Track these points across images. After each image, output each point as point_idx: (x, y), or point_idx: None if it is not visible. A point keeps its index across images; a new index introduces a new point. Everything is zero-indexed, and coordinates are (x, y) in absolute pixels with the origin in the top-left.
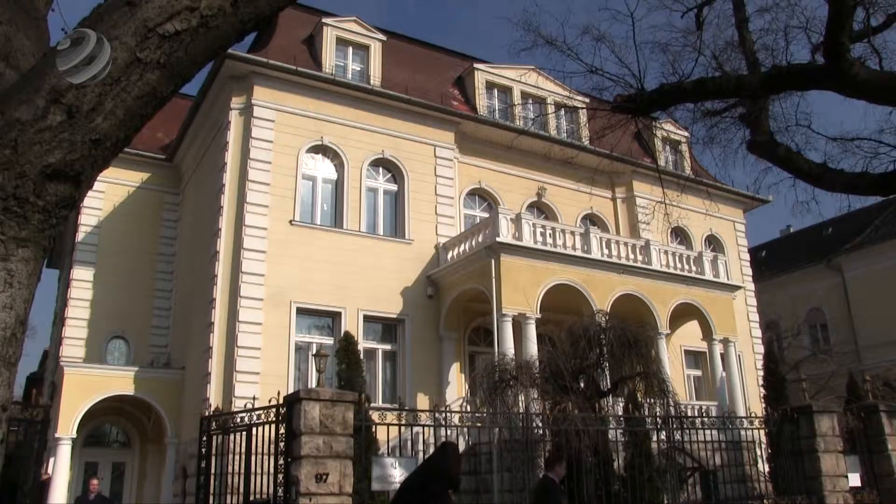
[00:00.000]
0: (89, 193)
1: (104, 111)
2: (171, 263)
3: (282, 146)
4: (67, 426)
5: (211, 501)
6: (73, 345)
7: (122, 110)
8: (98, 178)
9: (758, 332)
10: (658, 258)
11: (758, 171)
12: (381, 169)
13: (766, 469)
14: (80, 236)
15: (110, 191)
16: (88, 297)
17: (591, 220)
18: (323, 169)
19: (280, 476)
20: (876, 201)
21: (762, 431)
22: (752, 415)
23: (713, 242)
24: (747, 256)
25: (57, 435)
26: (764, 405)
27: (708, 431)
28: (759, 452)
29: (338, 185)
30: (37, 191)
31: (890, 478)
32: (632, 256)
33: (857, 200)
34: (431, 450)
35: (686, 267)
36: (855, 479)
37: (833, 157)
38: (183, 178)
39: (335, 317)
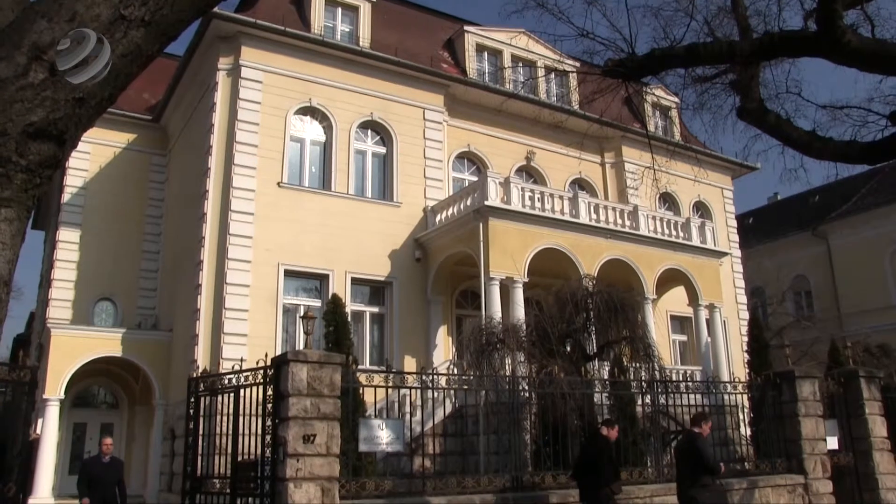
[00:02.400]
0: (74, 154)
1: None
2: (158, 225)
3: (270, 108)
4: (55, 387)
5: (199, 462)
6: (60, 307)
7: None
8: (83, 138)
9: (743, 299)
10: (646, 224)
11: (747, 139)
12: (369, 131)
13: (748, 433)
14: (65, 197)
15: (96, 152)
16: (75, 259)
17: (580, 184)
18: (311, 131)
19: (268, 437)
20: (863, 170)
21: (745, 396)
22: (736, 380)
23: (701, 209)
24: (734, 223)
25: (45, 396)
26: (747, 370)
27: (692, 396)
28: (741, 416)
29: (326, 148)
30: (19, 150)
31: (865, 440)
32: (620, 222)
33: (845, 169)
34: (418, 412)
35: (673, 233)
36: (833, 443)
37: (822, 125)
38: (170, 139)
39: (323, 279)
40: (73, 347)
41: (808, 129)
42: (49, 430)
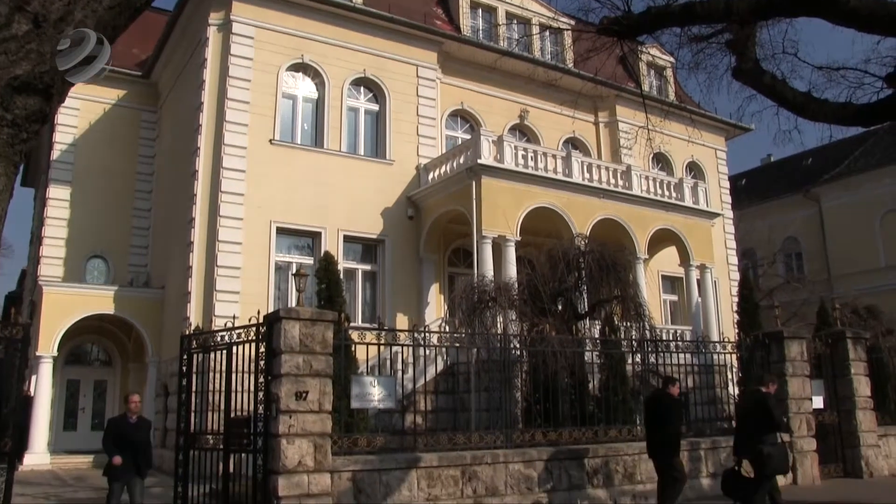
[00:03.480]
0: (63, 110)
1: (73, 21)
2: (149, 182)
3: (261, 64)
4: (48, 345)
5: (193, 418)
6: (52, 264)
7: (93, 21)
8: (71, 93)
9: (734, 260)
10: (639, 183)
11: (742, 99)
12: (362, 88)
13: (736, 392)
14: (55, 154)
15: (85, 108)
16: (65, 217)
17: (573, 143)
18: (303, 88)
19: (260, 394)
20: (857, 132)
21: (734, 356)
22: (725, 340)
23: (694, 169)
24: (727, 184)
25: (38, 353)
26: (737, 331)
27: (681, 355)
28: (729, 376)
29: (318, 105)
30: (4, 104)
31: (850, 400)
32: (613, 181)
33: (840, 131)
34: (410, 370)
35: (666, 193)
36: (818, 402)
37: (818, 86)
38: (160, 95)
39: (315, 237)
40: (66, 305)
41: (804, 90)
42: (43, 387)
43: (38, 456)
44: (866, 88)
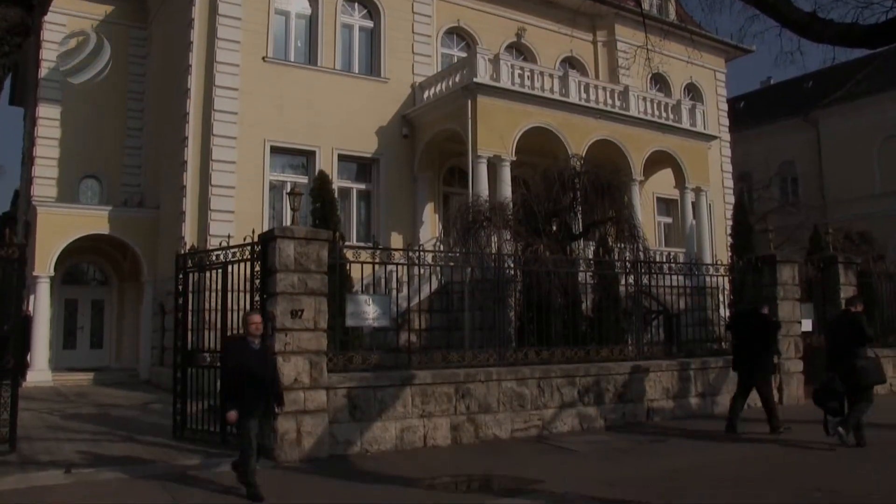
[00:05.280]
0: (48, 26)
1: None
2: (140, 101)
3: None
4: (44, 265)
5: (189, 337)
6: (45, 184)
7: None
8: (57, 9)
9: (730, 183)
10: (636, 104)
11: (743, 20)
12: (356, 4)
13: (727, 314)
14: (43, 72)
15: (72, 24)
16: (57, 136)
17: (571, 63)
18: (296, 3)
19: None
20: (862, 54)
21: (726, 279)
22: (718, 262)
23: (692, 91)
24: (725, 107)
25: (35, 273)
26: (730, 254)
27: (674, 277)
28: (721, 298)
29: (312, 21)
30: None
31: None
32: (610, 102)
33: (843, 53)
34: (405, 288)
35: (663, 114)
36: (807, 325)
37: (823, 6)
38: (150, 11)
39: (309, 156)
40: (60, 225)
41: (809, 10)
42: (41, 307)
43: (40, 373)
44: (875, 8)
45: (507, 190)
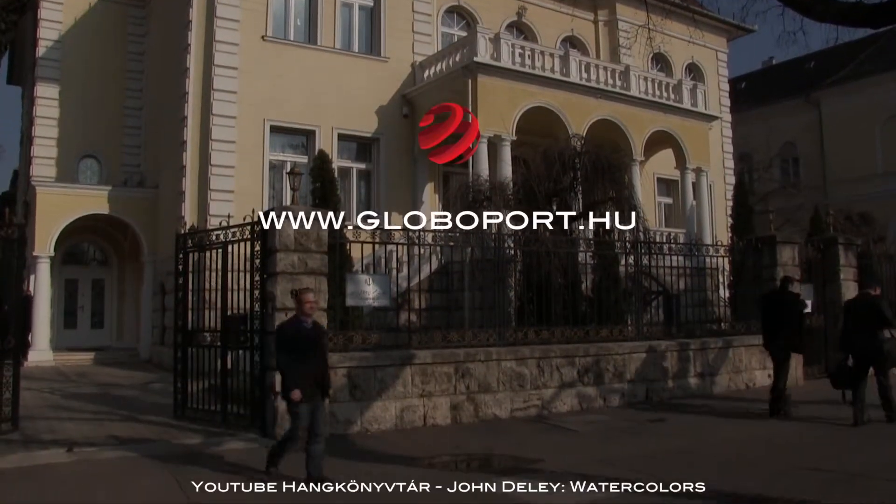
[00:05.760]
0: (45, 4)
1: None
2: (139, 81)
3: None
4: (44, 245)
5: (190, 316)
6: (44, 164)
7: None
8: None
9: (731, 163)
10: (637, 84)
11: None
12: None
13: (727, 295)
14: (40, 51)
15: (69, 2)
16: (55, 116)
17: (572, 42)
18: None
19: (256, 292)
20: (864, 34)
21: (726, 259)
22: (718, 243)
23: (693, 71)
24: (727, 87)
25: (35, 253)
26: (730, 234)
27: (674, 257)
28: (721, 279)
29: (311, 0)
30: None
31: (837, 304)
32: (611, 81)
33: (847, 32)
34: (405, 268)
35: (664, 94)
36: (807, 306)
37: None
38: None
39: (309, 135)
40: (60, 205)
41: None
42: (42, 287)
43: (41, 353)
44: None
45: (507, 170)
